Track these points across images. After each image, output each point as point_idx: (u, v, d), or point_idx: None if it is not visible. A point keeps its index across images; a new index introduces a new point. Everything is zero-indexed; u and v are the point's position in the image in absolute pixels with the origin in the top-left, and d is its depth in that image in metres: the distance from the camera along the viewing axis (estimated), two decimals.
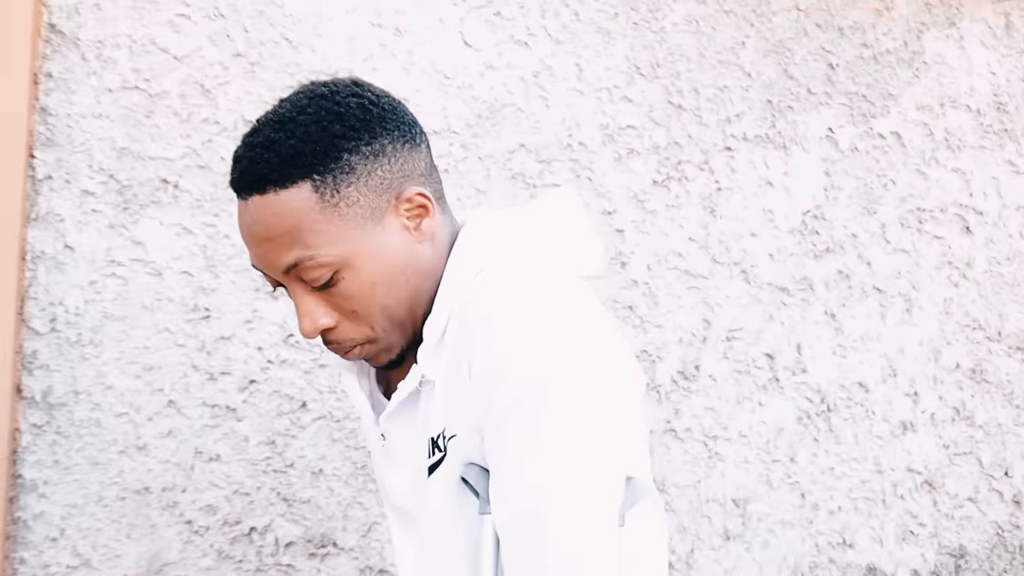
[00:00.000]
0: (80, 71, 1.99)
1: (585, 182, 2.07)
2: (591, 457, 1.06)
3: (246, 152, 1.16)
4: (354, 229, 1.14)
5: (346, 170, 1.14)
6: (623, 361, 1.15)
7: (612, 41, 2.10)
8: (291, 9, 2.04)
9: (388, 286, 1.17)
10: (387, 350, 1.22)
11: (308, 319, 1.16)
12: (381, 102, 1.20)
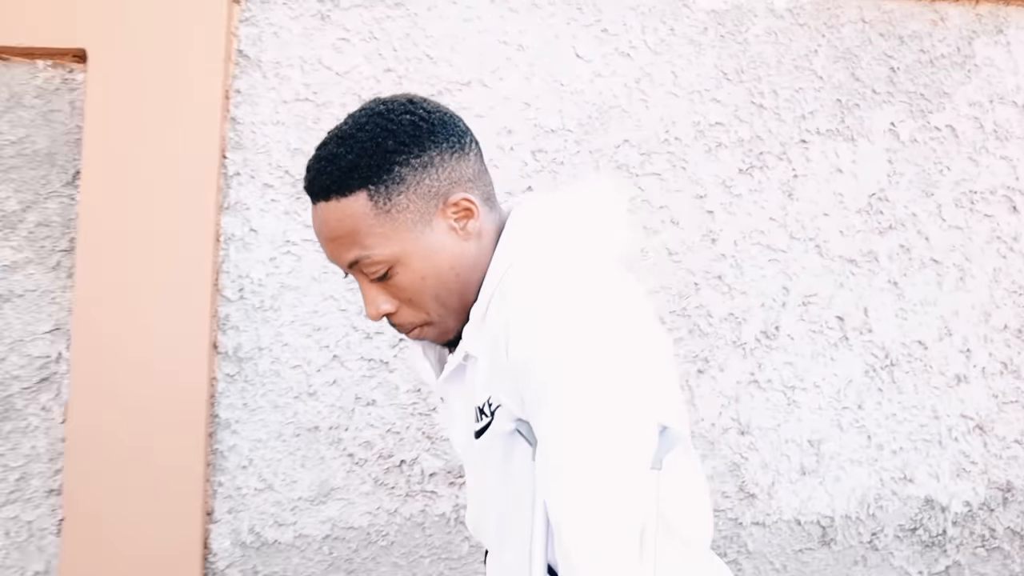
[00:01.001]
0: (262, 87, 2.23)
1: (680, 171, 2.23)
2: (619, 414, 1.12)
3: (315, 164, 1.27)
4: (405, 231, 1.24)
5: (397, 180, 1.23)
6: (647, 328, 1.21)
7: (702, 51, 2.27)
8: (432, 31, 2.25)
9: (437, 279, 1.26)
10: (444, 332, 1.31)
11: (372, 306, 1.28)
12: (431, 118, 1.28)
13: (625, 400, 1.14)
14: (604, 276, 1.21)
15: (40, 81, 2.24)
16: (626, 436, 1.14)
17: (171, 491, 2.11)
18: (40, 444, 2.15)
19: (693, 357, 2.21)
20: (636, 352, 1.17)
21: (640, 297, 1.26)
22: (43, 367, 2.17)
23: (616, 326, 1.16)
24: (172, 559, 2.09)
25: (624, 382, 1.14)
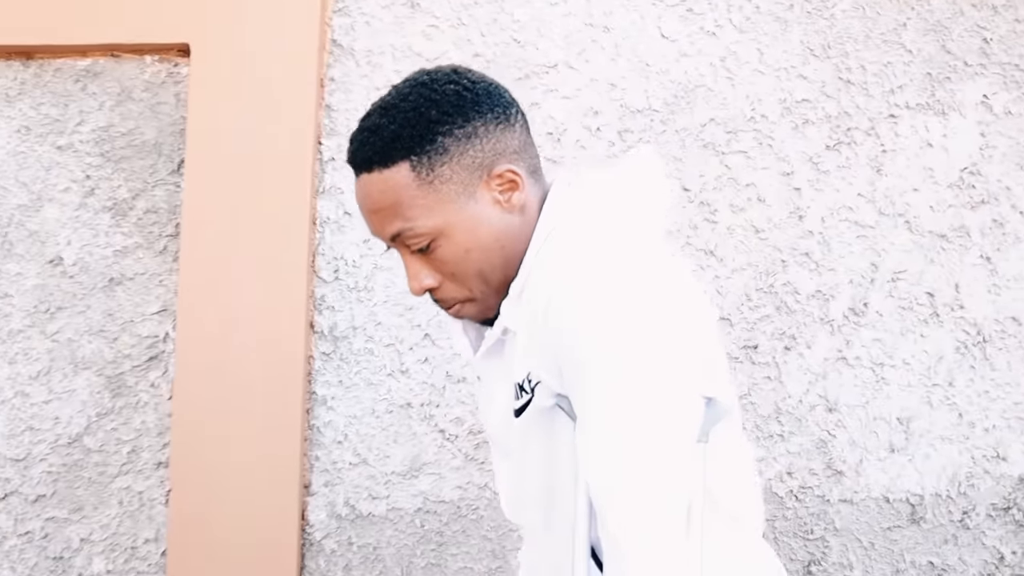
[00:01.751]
0: (355, 75, 2.29)
1: (766, 148, 2.22)
2: (661, 387, 1.11)
3: (358, 135, 1.25)
4: (448, 203, 1.21)
5: (440, 151, 1.20)
6: (690, 301, 1.19)
7: (788, 28, 2.25)
8: (519, 16, 2.29)
9: (482, 252, 1.23)
10: (485, 310, 1.28)
11: (415, 279, 1.25)
12: (476, 88, 1.24)
13: (668, 372, 1.12)
14: (647, 248, 1.19)
15: (148, 75, 2.35)
16: (670, 409, 1.12)
17: (270, 464, 2.20)
18: (149, 419, 2.27)
19: (780, 334, 2.21)
20: (678, 324, 1.15)
21: (684, 270, 1.24)
22: (152, 346, 2.28)
23: (658, 298, 1.14)
24: (271, 529, 2.18)
25: (666, 354, 1.13)
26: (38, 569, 2.25)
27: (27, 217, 2.32)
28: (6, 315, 2.30)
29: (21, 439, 2.27)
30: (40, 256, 2.31)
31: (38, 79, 2.35)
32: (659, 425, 1.11)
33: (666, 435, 1.11)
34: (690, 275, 1.26)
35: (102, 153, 2.33)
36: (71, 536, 2.25)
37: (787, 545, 2.16)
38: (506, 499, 1.39)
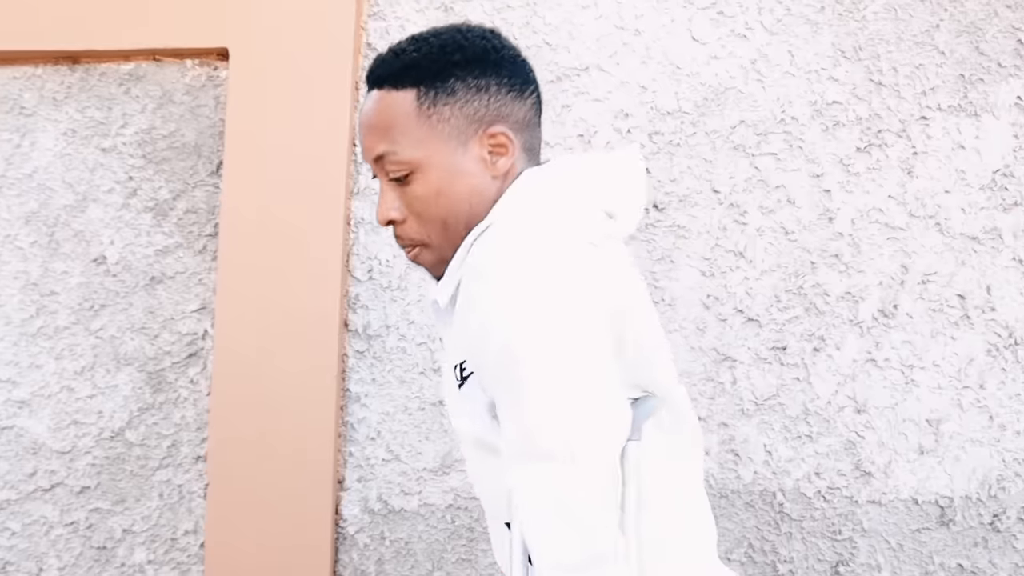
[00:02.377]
0: None
1: (797, 150, 2.22)
2: (570, 387, 1.11)
3: (383, 54, 1.28)
4: (437, 142, 1.24)
5: (449, 92, 1.23)
6: (620, 298, 1.19)
7: (819, 30, 2.24)
8: (550, 19, 2.31)
9: (450, 200, 1.24)
10: (440, 260, 1.28)
11: (383, 207, 1.26)
12: (503, 52, 1.29)
13: (580, 372, 1.12)
14: (576, 250, 1.18)
15: (188, 79, 2.41)
16: (587, 410, 1.12)
17: (305, 460, 2.25)
18: (189, 414, 2.32)
19: (809, 336, 2.21)
20: (597, 324, 1.15)
21: (620, 269, 1.23)
22: (191, 343, 2.34)
23: (575, 295, 1.14)
24: (306, 523, 2.23)
25: (579, 351, 1.12)
26: (83, 558, 2.32)
27: (73, 217, 2.38)
28: (52, 312, 2.37)
29: (67, 432, 2.34)
30: (85, 255, 2.37)
31: (83, 83, 2.42)
32: (574, 428, 1.11)
33: (583, 438, 1.11)
34: (628, 274, 1.26)
35: (144, 155, 2.39)
36: (114, 527, 2.32)
37: (815, 545, 2.16)
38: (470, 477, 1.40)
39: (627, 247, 1.32)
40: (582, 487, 1.10)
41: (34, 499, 2.33)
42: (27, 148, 2.41)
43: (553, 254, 1.17)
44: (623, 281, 1.24)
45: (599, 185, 1.28)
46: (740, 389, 2.20)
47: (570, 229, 1.21)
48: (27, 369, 2.35)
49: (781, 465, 2.18)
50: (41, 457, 2.34)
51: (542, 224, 1.20)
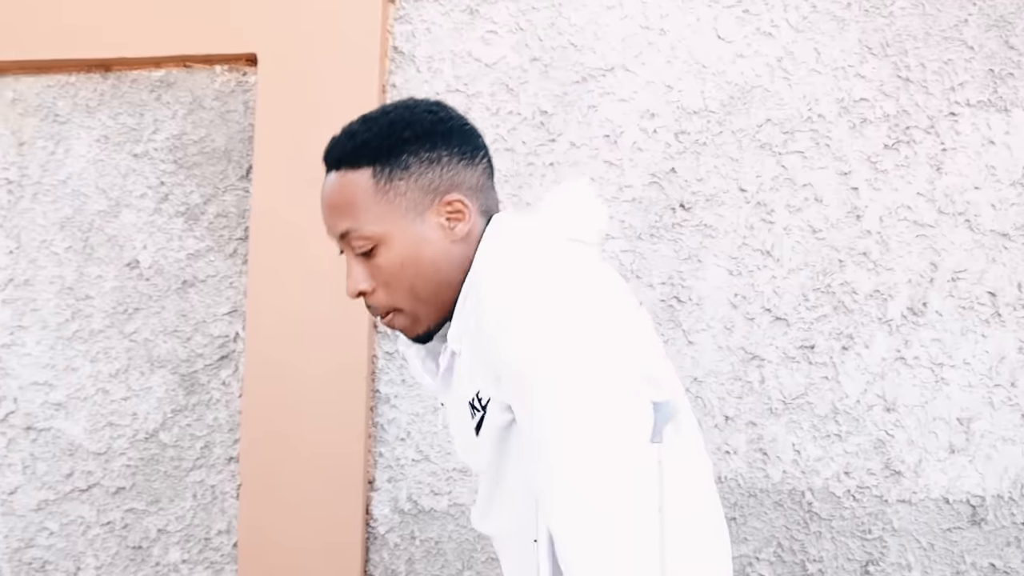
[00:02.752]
0: (416, 81, 2.34)
1: (824, 148, 2.20)
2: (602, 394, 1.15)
3: (336, 136, 1.37)
4: (396, 215, 1.31)
5: (402, 167, 1.31)
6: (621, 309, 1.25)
7: (846, 27, 2.23)
8: (576, 20, 2.31)
9: (416, 269, 1.31)
10: (413, 323, 1.36)
11: (352, 280, 1.34)
12: (452, 123, 1.37)
13: (607, 379, 1.16)
14: (574, 262, 1.26)
15: (218, 84, 2.43)
16: (615, 414, 1.16)
17: (336, 460, 2.27)
18: (221, 416, 2.35)
19: (837, 334, 2.20)
20: (612, 332, 1.20)
21: (615, 281, 1.30)
22: (223, 346, 2.37)
23: (589, 304, 1.20)
24: (337, 523, 2.25)
25: (604, 361, 1.17)
26: (119, 557, 2.35)
27: (106, 222, 2.42)
28: (87, 316, 2.41)
29: (102, 434, 2.38)
30: (118, 259, 2.41)
31: (116, 90, 2.46)
32: (604, 432, 1.15)
33: (612, 442, 1.15)
34: (621, 285, 1.31)
35: (175, 160, 2.42)
36: (149, 527, 2.35)
37: (844, 545, 2.15)
38: (479, 511, 1.44)
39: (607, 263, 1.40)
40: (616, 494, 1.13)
41: (71, 499, 2.37)
42: (61, 155, 2.45)
43: (550, 261, 1.24)
44: (620, 290, 1.29)
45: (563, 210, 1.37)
46: (768, 388, 2.20)
47: (553, 239, 1.30)
48: (63, 372, 2.39)
49: (810, 464, 2.17)
50: (78, 458, 2.38)
51: (529, 242, 1.29)
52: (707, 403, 2.21)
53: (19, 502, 2.38)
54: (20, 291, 2.43)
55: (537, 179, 2.31)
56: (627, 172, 2.29)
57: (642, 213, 2.27)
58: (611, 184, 2.28)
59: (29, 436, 2.39)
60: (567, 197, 1.38)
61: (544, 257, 1.26)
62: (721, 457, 2.19)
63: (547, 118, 2.32)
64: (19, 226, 2.44)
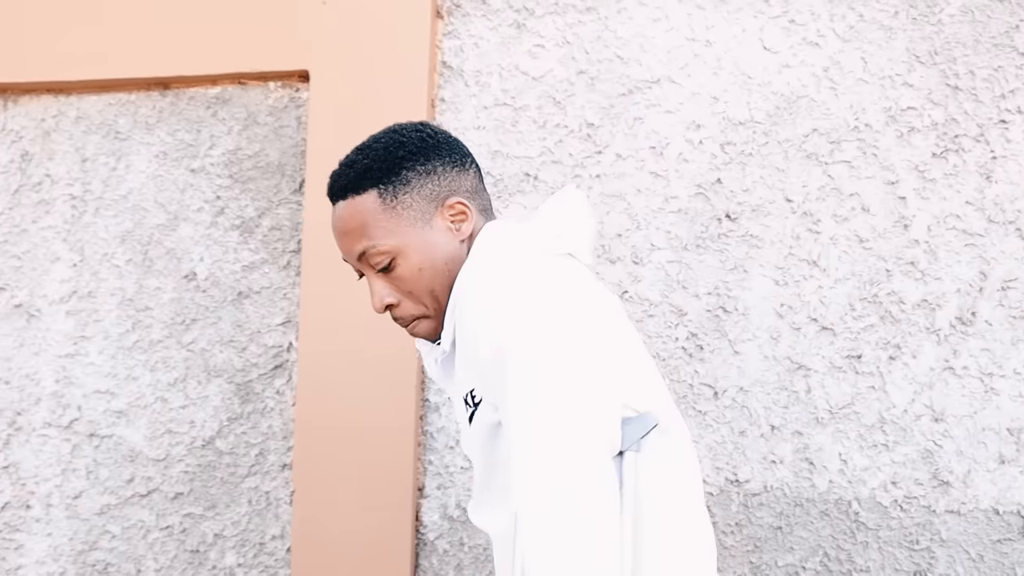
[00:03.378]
0: (464, 95, 2.39)
1: (871, 157, 2.20)
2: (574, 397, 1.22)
3: (336, 170, 1.47)
4: (407, 226, 1.42)
5: (404, 182, 1.43)
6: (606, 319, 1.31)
7: (893, 35, 2.23)
8: (622, 33, 2.34)
9: (433, 271, 1.42)
10: (439, 326, 1.46)
11: (376, 297, 1.44)
12: (438, 137, 1.49)
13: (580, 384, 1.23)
14: (551, 269, 1.33)
15: (271, 100, 2.50)
16: (583, 418, 1.22)
17: (386, 467, 2.31)
18: (275, 424, 2.41)
19: (884, 344, 2.19)
20: (585, 337, 1.26)
21: (600, 291, 1.35)
22: (277, 356, 2.43)
23: (566, 315, 1.27)
24: (387, 529, 2.29)
25: (579, 367, 1.24)
26: (177, 561, 2.42)
27: (165, 236, 2.50)
28: (147, 327, 2.48)
29: (161, 441, 2.45)
30: (176, 272, 2.48)
31: (174, 107, 2.53)
32: (572, 434, 1.21)
33: (579, 443, 1.20)
34: (605, 295, 1.37)
35: (231, 175, 2.49)
36: (206, 531, 2.42)
37: (891, 555, 2.15)
38: (473, 503, 1.50)
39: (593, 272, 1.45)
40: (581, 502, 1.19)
41: (132, 504, 2.44)
42: (122, 171, 2.53)
43: (529, 265, 1.33)
44: (595, 290, 1.35)
45: (551, 215, 1.44)
46: (814, 398, 2.20)
47: (534, 244, 1.38)
48: (124, 381, 2.47)
49: (856, 474, 2.17)
50: (138, 464, 2.45)
51: (510, 246, 1.38)
52: (753, 412, 2.22)
53: (83, 506, 2.46)
54: (83, 303, 2.51)
55: (584, 191, 2.33)
56: (673, 183, 2.30)
57: (688, 224, 2.29)
58: (657, 195, 2.30)
59: (92, 443, 2.47)
60: (559, 205, 1.46)
61: (523, 261, 1.34)
62: (767, 466, 2.20)
63: (593, 130, 2.35)
64: (82, 240, 2.52)
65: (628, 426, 1.25)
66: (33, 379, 2.51)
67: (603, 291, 1.38)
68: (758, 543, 2.19)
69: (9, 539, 2.49)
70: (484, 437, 1.38)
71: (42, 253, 2.54)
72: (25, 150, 2.58)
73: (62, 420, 2.48)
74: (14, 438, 2.50)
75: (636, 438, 1.22)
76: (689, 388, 2.25)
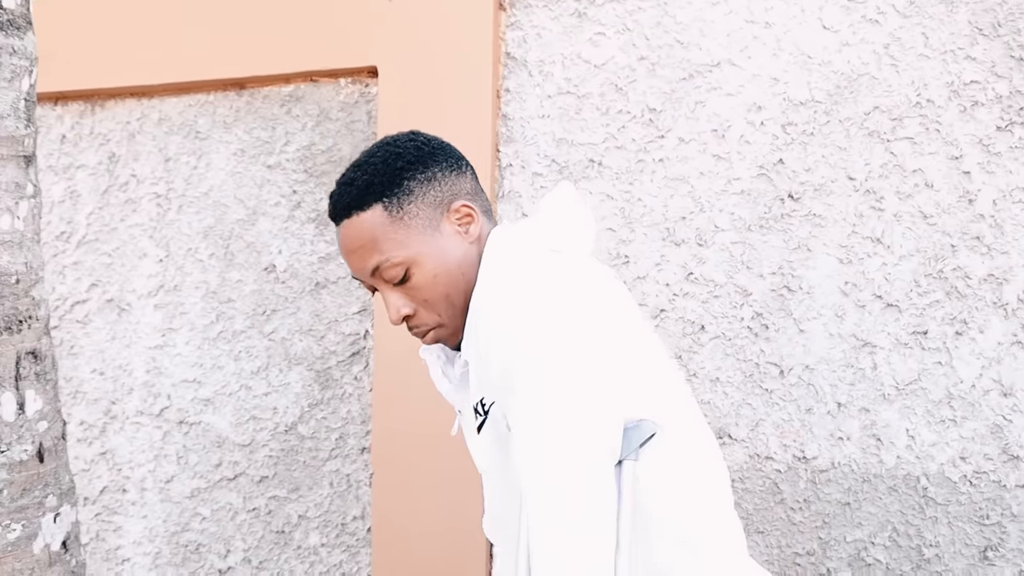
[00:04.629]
0: (528, 84, 2.43)
1: (934, 133, 2.19)
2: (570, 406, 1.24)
3: (336, 191, 1.45)
4: (417, 235, 1.41)
5: (407, 192, 1.41)
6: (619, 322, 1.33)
7: (955, 9, 2.21)
8: (681, 18, 2.36)
9: (447, 276, 1.42)
10: (454, 333, 1.45)
11: (393, 309, 1.42)
12: (432, 143, 1.48)
13: (583, 392, 1.25)
14: (561, 270, 1.34)
15: (343, 97, 2.59)
16: (580, 427, 1.24)
17: (461, 448, 2.38)
18: (354, 409, 2.51)
19: (951, 319, 2.20)
20: (591, 342, 1.28)
21: (614, 291, 1.36)
22: (354, 343, 2.52)
23: (567, 316, 1.29)
24: (463, 506, 2.36)
25: (583, 377, 1.25)
26: (264, 541, 2.53)
27: (244, 230, 2.61)
28: (230, 318, 2.60)
29: (246, 427, 2.57)
30: (256, 264, 2.59)
31: (250, 106, 2.64)
32: (568, 444, 1.23)
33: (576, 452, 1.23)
34: (623, 297, 1.38)
35: (306, 170, 2.58)
36: (290, 513, 2.52)
37: (962, 530, 2.16)
38: (487, 516, 1.54)
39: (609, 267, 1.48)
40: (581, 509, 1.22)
41: (220, 487, 2.56)
42: (203, 169, 2.65)
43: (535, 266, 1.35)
44: (608, 289, 1.36)
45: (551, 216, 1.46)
46: (881, 375, 2.21)
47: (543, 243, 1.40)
48: (210, 370, 2.59)
49: (925, 449, 2.18)
50: (225, 450, 2.57)
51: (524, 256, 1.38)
52: (819, 390, 2.24)
53: (175, 490, 2.59)
54: (170, 296, 2.63)
55: (648, 175, 2.37)
56: (735, 165, 2.33)
57: (751, 205, 2.31)
58: (720, 177, 2.33)
59: (182, 430, 2.59)
60: (557, 204, 1.48)
61: (534, 266, 1.35)
62: (834, 443, 2.22)
63: (655, 115, 2.38)
64: (167, 236, 2.65)
65: (625, 436, 1.28)
66: (126, 370, 2.64)
67: (616, 287, 1.40)
68: (826, 519, 2.22)
69: (108, 521, 2.63)
70: (493, 446, 1.40)
71: (130, 250, 2.67)
72: (112, 152, 2.71)
73: (153, 408, 2.61)
74: (110, 426, 2.64)
75: (633, 447, 1.24)
76: (755, 367, 2.28)
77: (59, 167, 2.74)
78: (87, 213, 2.71)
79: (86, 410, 2.68)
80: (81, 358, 2.69)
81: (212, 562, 2.57)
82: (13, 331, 1.48)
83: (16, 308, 1.49)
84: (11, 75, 1.50)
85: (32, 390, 1.50)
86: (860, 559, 2.20)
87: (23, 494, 1.48)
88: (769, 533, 2.26)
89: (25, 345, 1.50)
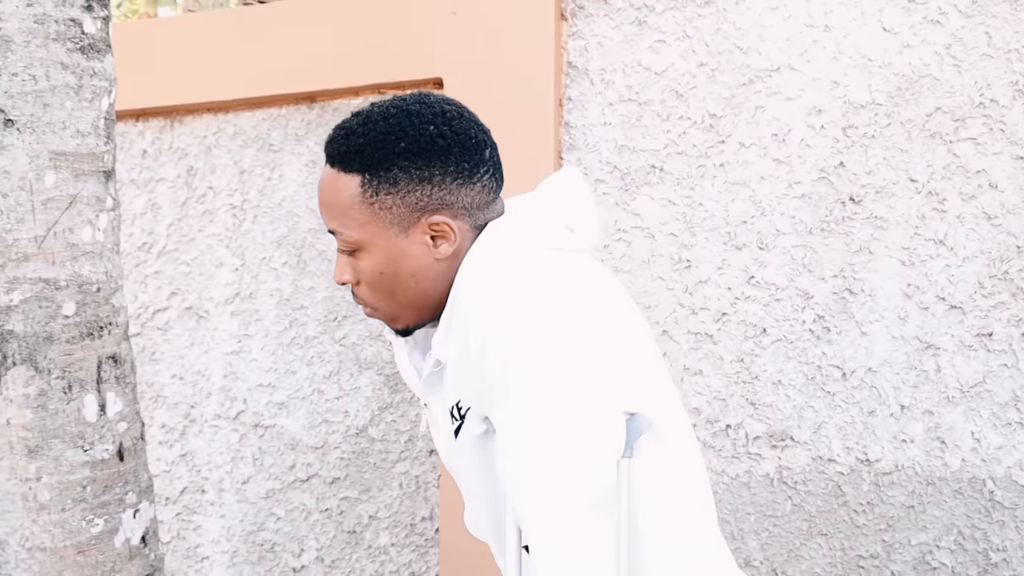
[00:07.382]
0: (590, 92, 2.47)
1: (997, 134, 2.18)
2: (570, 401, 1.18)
3: (338, 129, 1.34)
4: (379, 227, 1.31)
5: (391, 182, 1.30)
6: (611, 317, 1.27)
7: (1019, 7, 2.18)
8: (740, 23, 2.38)
9: (393, 279, 1.33)
10: (393, 320, 1.38)
11: (337, 270, 1.36)
12: (453, 138, 1.31)
13: (581, 387, 1.19)
14: (558, 268, 1.27)
15: None
16: (583, 422, 1.19)
17: None
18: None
19: (1017, 321, 2.18)
20: (590, 340, 1.22)
21: (607, 286, 1.30)
22: None
23: (567, 315, 1.22)
24: None
25: (579, 370, 1.20)
26: (336, 541, 2.62)
27: (316, 239, 2.70)
28: (303, 324, 2.69)
29: (319, 430, 2.65)
30: (328, 272, 2.67)
31: (320, 119, 2.73)
32: (572, 437, 1.18)
33: (579, 447, 1.18)
34: (617, 292, 1.32)
35: None
36: (361, 513, 2.60)
37: None
38: (468, 516, 1.51)
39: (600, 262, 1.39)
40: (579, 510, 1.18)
41: (294, 488, 2.65)
42: (276, 180, 2.75)
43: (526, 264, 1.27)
44: (602, 287, 1.31)
45: (553, 205, 1.37)
46: (945, 377, 2.21)
47: (537, 242, 1.31)
48: (284, 375, 2.68)
49: (991, 452, 2.17)
50: (299, 452, 2.66)
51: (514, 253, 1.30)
52: (882, 392, 2.24)
53: (251, 491, 2.69)
54: (245, 303, 2.73)
55: (709, 180, 2.40)
56: (796, 169, 2.35)
57: (812, 208, 2.33)
58: (781, 181, 2.35)
59: (257, 432, 2.69)
60: (561, 189, 1.40)
61: (526, 264, 1.27)
62: (897, 446, 2.22)
63: (716, 120, 2.41)
64: (243, 246, 2.75)
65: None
66: (204, 375, 2.75)
67: (611, 286, 1.34)
68: (890, 522, 2.22)
69: (188, 520, 2.74)
70: (473, 449, 1.33)
71: (208, 259, 2.78)
72: (190, 165, 2.82)
73: (230, 412, 2.72)
74: (189, 429, 2.75)
75: (629, 443, 1.20)
76: (817, 370, 2.29)
77: (140, 181, 2.86)
78: (167, 224, 2.83)
79: (167, 414, 2.79)
80: (162, 364, 2.81)
81: (287, 561, 2.66)
82: (95, 337, 1.57)
83: (97, 315, 1.58)
84: (92, 96, 1.59)
85: (112, 392, 1.59)
86: (925, 562, 2.20)
87: (105, 491, 1.57)
88: (832, 536, 2.27)
89: (106, 350, 1.59)
